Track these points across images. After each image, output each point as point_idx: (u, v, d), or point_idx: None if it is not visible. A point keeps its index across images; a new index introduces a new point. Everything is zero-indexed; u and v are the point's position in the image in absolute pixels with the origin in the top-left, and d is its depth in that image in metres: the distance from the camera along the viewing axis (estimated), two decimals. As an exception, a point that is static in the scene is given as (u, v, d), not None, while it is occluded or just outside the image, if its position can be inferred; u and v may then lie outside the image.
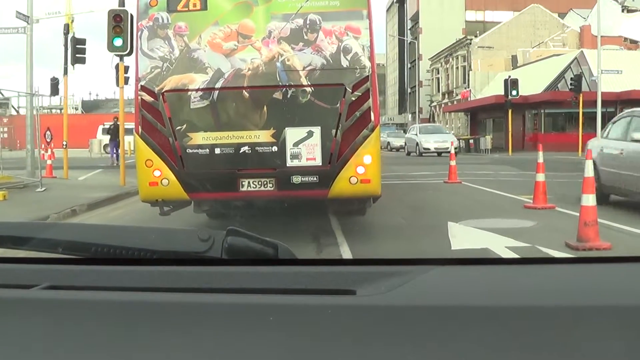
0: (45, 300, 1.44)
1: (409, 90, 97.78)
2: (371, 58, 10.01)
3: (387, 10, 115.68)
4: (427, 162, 35.38)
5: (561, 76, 52.04)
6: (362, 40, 9.99)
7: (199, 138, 9.89)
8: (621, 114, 15.63)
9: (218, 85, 9.90)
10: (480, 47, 71.68)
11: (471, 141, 52.98)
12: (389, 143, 60.75)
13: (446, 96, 79.95)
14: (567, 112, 48.69)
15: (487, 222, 11.49)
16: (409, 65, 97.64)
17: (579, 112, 41.85)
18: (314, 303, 1.40)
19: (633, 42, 61.78)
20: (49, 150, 23.86)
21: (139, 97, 10.01)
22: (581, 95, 40.43)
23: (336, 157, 9.75)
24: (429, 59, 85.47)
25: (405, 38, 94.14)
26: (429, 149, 42.27)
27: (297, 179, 9.79)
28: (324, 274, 1.57)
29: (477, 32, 75.61)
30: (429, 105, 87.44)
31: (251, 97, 9.87)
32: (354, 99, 9.76)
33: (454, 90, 76.17)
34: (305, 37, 9.95)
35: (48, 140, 24.30)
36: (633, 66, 48.55)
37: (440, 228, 10.59)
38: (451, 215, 12.05)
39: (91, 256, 1.71)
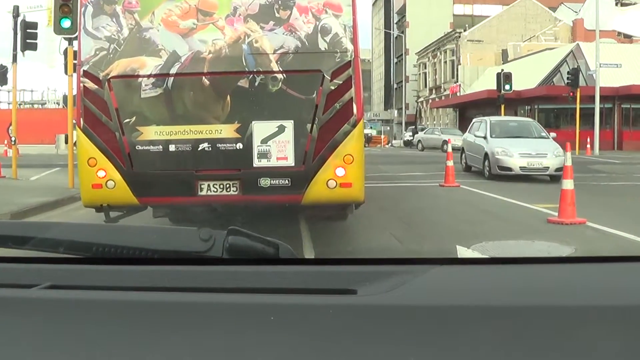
0: (47, 299, 1.44)
1: (395, 86, 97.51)
2: (354, 40, 8.92)
3: (373, 4, 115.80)
4: (417, 160, 33.16)
5: (556, 70, 51.48)
6: (344, 19, 8.91)
7: (151, 133, 8.87)
8: None
9: (173, 70, 8.84)
10: (470, 41, 71.10)
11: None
12: (445, 142, 52.91)
13: (433, 91, 79.46)
14: (561, 107, 48.14)
15: (509, 247, 9.54)
16: (395, 60, 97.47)
17: (574, 108, 41.45)
18: (315, 302, 1.41)
19: (627, 36, 61.11)
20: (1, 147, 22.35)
21: (81, 85, 8.94)
22: (578, 90, 39.37)
23: (311, 157, 8.79)
24: (415, 54, 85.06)
25: (391, 32, 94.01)
26: (510, 169, 21.12)
27: (265, 182, 8.78)
28: (325, 274, 1.59)
29: (466, 25, 75.06)
30: (416, 101, 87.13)
31: (212, 85, 8.87)
32: (333, 88, 8.74)
33: (442, 85, 75.74)
34: (277, 14, 8.89)
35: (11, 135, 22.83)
36: (630, 60, 47.91)
37: (446, 253, 8.95)
38: (457, 234, 10.29)
39: (92, 256, 1.73)
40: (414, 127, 67.90)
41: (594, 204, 12.41)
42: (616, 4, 64.26)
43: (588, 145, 39.36)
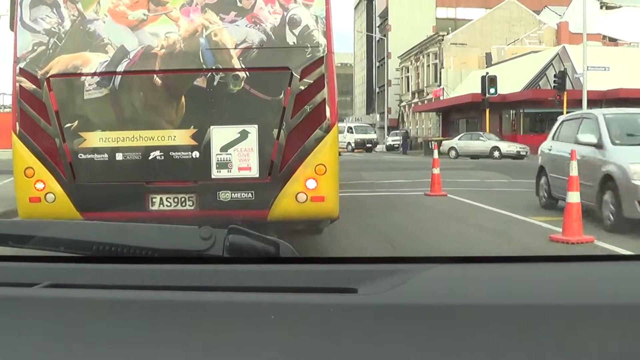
0: (47, 298, 1.46)
1: (377, 90, 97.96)
2: (327, 33, 8.13)
3: (355, 8, 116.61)
4: (401, 166, 31.62)
5: (542, 73, 51.00)
6: (316, 9, 8.15)
7: (95, 139, 8.11)
8: None
9: (121, 68, 8.08)
10: (453, 44, 71.08)
11: (436, 143, 47.49)
12: (496, 149, 44.97)
13: (416, 95, 79.38)
14: (547, 112, 47.59)
15: None
16: (377, 64, 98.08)
17: (561, 112, 40.35)
18: (315, 301, 1.42)
19: (612, 40, 60.99)
20: None
21: (17, 84, 8.19)
22: (565, 93, 38.69)
23: (278, 167, 8.06)
24: (398, 57, 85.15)
25: (373, 34, 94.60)
26: None
27: (225, 196, 8.02)
28: (326, 272, 1.60)
29: (449, 28, 75.07)
30: (398, 105, 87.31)
31: (165, 85, 8.10)
32: (303, 88, 7.99)
33: (425, 89, 75.62)
34: (239, 4, 8.12)
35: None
36: (617, 63, 47.36)
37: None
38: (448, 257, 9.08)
39: (93, 254, 1.76)
40: (405, 131, 67.78)
41: (599, 218, 10.96)
42: (601, 7, 64.26)
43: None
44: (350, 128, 61.70)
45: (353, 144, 57.82)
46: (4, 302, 1.42)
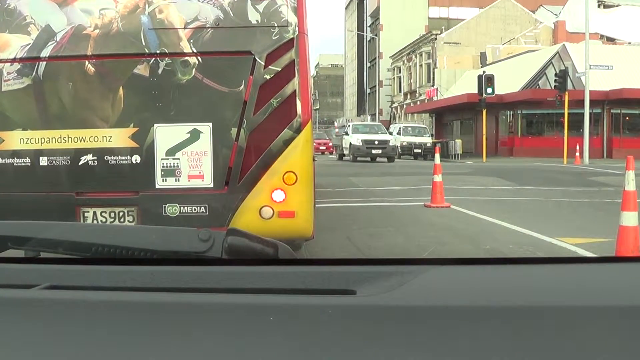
0: (46, 300, 1.46)
1: (368, 91, 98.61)
2: (299, 10, 7.01)
3: (346, 8, 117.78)
4: (394, 170, 29.59)
5: (541, 72, 50.18)
6: None
7: (15, 140, 7.08)
8: None
9: (46, 53, 6.97)
10: (447, 43, 71.03)
11: (438, 145, 45.58)
12: None
13: (408, 96, 79.40)
14: (545, 113, 47.16)
15: None
16: (368, 65, 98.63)
17: (560, 114, 40.94)
18: (313, 303, 1.43)
19: (609, 39, 60.57)
20: None
21: None
22: (566, 93, 37.76)
23: (238, 175, 6.99)
24: (390, 57, 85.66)
25: (364, 34, 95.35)
26: None
27: (172, 210, 6.97)
28: (324, 274, 1.60)
29: (442, 28, 75.20)
30: (390, 107, 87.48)
31: (99, 74, 7.00)
32: (268, 77, 6.92)
33: (417, 89, 75.56)
34: None
35: None
36: (619, 62, 46.92)
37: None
38: None
39: (92, 256, 1.78)
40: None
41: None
42: (599, 6, 63.91)
43: (577, 154, 37.48)
44: (400, 129, 51.06)
45: (399, 149, 47.70)
46: (3, 304, 1.43)
